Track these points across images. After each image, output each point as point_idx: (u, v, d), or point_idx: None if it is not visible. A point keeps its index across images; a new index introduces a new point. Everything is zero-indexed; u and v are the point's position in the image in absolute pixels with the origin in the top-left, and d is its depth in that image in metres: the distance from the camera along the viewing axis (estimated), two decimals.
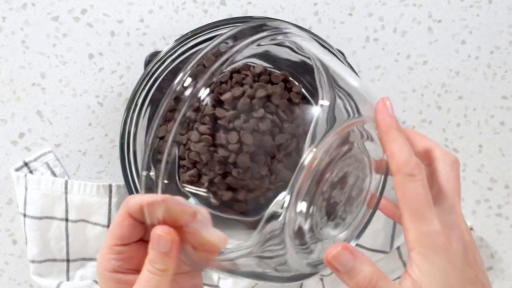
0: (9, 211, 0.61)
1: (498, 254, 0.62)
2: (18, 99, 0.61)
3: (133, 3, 0.61)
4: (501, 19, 0.62)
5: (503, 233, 0.62)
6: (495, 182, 0.62)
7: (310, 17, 0.61)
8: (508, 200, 0.62)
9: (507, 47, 0.62)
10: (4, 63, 0.60)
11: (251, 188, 0.56)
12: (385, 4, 0.61)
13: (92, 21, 0.61)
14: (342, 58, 0.52)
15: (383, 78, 0.62)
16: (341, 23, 0.61)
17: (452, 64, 0.62)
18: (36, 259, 0.59)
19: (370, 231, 0.58)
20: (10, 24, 0.60)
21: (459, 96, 0.62)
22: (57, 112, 0.61)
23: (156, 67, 0.52)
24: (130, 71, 0.61)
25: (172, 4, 0.61)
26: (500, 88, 0.62)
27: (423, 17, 0.62)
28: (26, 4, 0.60)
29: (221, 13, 0.61)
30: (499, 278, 0.62)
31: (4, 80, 0.61)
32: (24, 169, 0.60)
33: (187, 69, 0.36)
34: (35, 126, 0.61)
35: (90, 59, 0.61)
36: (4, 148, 0.61)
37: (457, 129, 0.62)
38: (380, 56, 0.62)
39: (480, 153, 0.62)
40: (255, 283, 0.58)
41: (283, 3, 0.61)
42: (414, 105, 0.62)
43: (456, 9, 0.62)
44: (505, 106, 0.62)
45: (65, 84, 0.61)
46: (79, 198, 0.58)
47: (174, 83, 0.35)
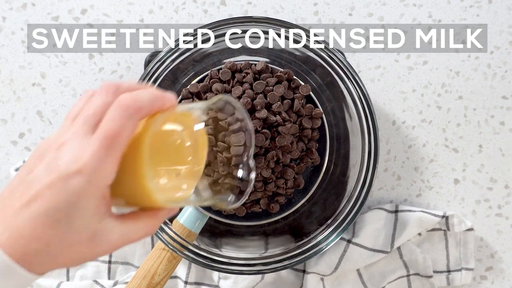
0: None
1: (498, 254, 0.62)
2: (18, 99, 0.61)
3: (133, 3, 0.61)
4: (501, 19, 0.62)
5: (503, 233, 0.62)
6: (495, 182, 0.62)
7: (310, 17, 0.61)
8: (508, 200, 0.62)
9: (507, 47, 0.62)
10: (4, 63, 0.60)
11: (252, 190, 0.56)
12: (385, 4, 0.61)
13: (92, 21, 0.61)
14: (342, 58, 0.52)
15: (383, 78, 0.62)
16: (341, 23, 0.61)
17: (452, 64, 0.62)
18: None
19: (370, 231, 0.58)
20: (11, 24, 0.60)
21: (459, 96, 0.62)
22: (57, 112, 0.61)
23: (156, 67, 0.52)
24: (130, 71, 0.61)
25: (172, 4, 0.61)
26: (500, 88, 0.62)
27: (423, 17, 0.62)
28: (26, 4, 0.60)
29: (221, 13, 0.61)
30: (499, 278, 0.62)
31: (4, 80, 0.61)
32: None
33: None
34: (35, 126, 0.61)
35: (90, 59, 0.61)
36: (4, 148, 0.61)
37: (457, 129, 0.62)
38: (380, 56, 0.62)
39: (480, 153, 0.62)
40: (255, 283, 0.58)
41: (283, 3, 0.61)
42: (414, 105, 0.62)
43: (456, 9, 0.62)
44: (505, 106, 0.62)
45: (65, 84, 0.61)
46: None
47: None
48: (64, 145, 0.33)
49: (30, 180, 0.33)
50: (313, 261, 0.59)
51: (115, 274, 0.60)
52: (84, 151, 0.32)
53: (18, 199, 0.32)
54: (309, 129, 0.56)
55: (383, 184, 0.62)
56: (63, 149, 0.33)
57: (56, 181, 0.32)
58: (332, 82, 0.54)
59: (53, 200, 0.32)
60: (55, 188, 0.32)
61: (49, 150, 0.33)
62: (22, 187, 0.33)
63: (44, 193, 0.32)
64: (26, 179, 0.33)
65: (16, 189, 0.33)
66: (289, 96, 0.56)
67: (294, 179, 0.57)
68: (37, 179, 0.32)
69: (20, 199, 0.32)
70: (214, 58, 0.56)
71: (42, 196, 0.32)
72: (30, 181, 0.33)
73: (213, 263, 0.52)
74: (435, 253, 0.60)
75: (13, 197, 0.33)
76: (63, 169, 0.32)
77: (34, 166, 0.33)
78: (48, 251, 0.33)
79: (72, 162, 0.32)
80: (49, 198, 0.32)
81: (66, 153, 0.32)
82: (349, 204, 0.53)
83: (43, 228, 0.32)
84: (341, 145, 0.57)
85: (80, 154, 0.32)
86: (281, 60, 0.57)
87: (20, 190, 0.33)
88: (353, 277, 0.60)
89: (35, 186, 0.32)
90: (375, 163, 0.52)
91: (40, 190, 0.32)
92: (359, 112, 0.53)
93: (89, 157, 0.32)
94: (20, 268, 0.32)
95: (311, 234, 0.54)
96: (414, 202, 0.62)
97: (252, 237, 0.59)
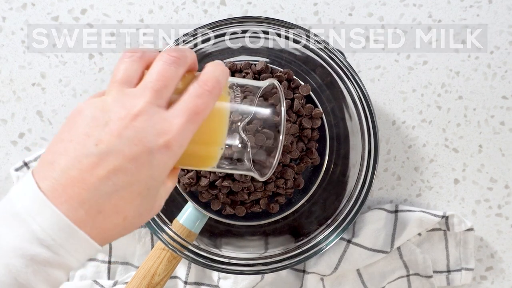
0: None
1: (498, 254, 0.62)
2: (18, 99, 0.61)
3: (133, 3, 0.61)
4: (501, 19, 0.62)
5: (503, 233, 0.62)
6: (495, 182, 0.62)
7: (310, 17, 0.61)
8: (508, 200, 0.62)
9: (507, 47, 0.62)
10: (4, 63, 0.60)
11: (252, 190, 0.56)
12: (385, 4, 0.61)
13: (92, 21, 0.61)
14: (342, 58, 0.52)
15: (383, 78, 0.62)
16: (341, 23, 0.61)
17: (452, 64, 0.62)
18: None
19: (370, 231, 0.58)
20: (10, 24, 0.60)
21: (459, 96, 0.62)
22: (57, 112, 0.61)
23: None
24: None
25: (172, 4, 0.61)
26: (500, 88, 0.62)
27: (423, 17, 0.62)
28: (26, 4, 0.60)
29: (221, 13, 0.61)
30: (499, 278, 0.62)
31: (4, 80, 0.61)
32: (24, 169, 0.60)
33: None
34: (35, 126, 0.61)
35: (90, 59, 0.61)
36: (4, 148, 0.61)
37: (457, 129, 0.62)
38: (380, 56, 0.62)
39: (480, 153, 0.62)
40: (255, 283, 0.58)
41: (283, 3, 0.61)
42: (414, 105, 0.62)
43: (456, 9, 0.62)
44: (505, 106, 0.62)
45: (65, 84, 0.61)
46: None
47: None
48: (141, 116, 0.31)
49: (104, 151, 0.31)
50: (313, 261, 0.59)
51: (115, 274, 0.60)
52: (170, 126, 0.32)
53: (89, 172, 0.30)
54: (309, 129, 0.56)
55: (383, 184, 0.62)
56: (139, 120, 0.31)
57: (140, 154, 0.31)
58: (332, 82, 0.54)
59: (137, 174, 0.31)
60: (139, 162, 0.31)
61: (115, 117, 0.31)
62: (93, 158, 0.31)
63: (126, 166, 0.31)
64: (95, 149, 0.31)
65: (84, 160, 0.31)
66: (289, 96, 0.56)
67: (294, 179, 0.57)
68: (115, 151, 0.31)
69: (94, 172, 0.30)
70: (214, 58, 0.56)
71: (124, 169, 0.31)
72: (104, 153, 0.31)
73: (213, 263, 0.52)
74: (435, 253, 0.60)
75: (81, 168, 0.30)
76: (148, 142, 0.31)
77: (95, 134, 0.31)
78: (124, 225, 0.32)
79: (158, 135, 0.31)
80: (132, 172, 0.31)
81: (147, 124, 0.31)
82: (349, 204, 0.53)
83: (124, 203, 0.31)
84: (341, 145, 0.57)
85: (166, 128, 0.31)
86: (281, 60, 0.57)
87: (90, 162, 0.31)
88: (353, 277, 0.60)
89: (113, 158, 0.30)
90: (375, 163, 0.52)
91: (121, 163, 0.30)
92: (359, 112, 0.53)
93: (177, 132, 0.32)
94: (95, 243, 0.31)
95: (311, 234, 0.54)
96: (414, 202, 0.62)
97: (252, 237, 0.59)
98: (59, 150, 0.32)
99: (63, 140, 0.32)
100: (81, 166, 0.31)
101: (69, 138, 0.32)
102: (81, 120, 0.32)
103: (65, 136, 0.32)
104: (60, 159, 0.31)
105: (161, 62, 0.34)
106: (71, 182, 0.30)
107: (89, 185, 0.30)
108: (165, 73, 0.33)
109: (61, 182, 0.31)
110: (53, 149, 0.32)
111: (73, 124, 0.32)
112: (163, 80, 0.33)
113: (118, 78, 0.33)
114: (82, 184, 0.30)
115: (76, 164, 0.31)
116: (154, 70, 0.33)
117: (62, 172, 0.31)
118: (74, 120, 0.33)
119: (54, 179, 0.31)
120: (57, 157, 0.31)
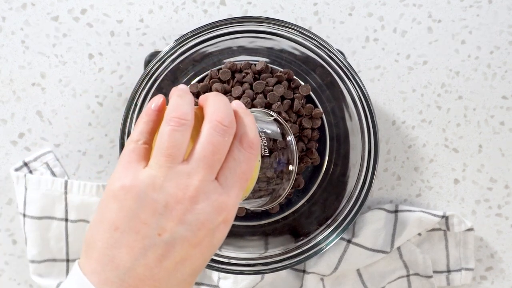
0: (9, 211, 0.61)
1: (498, 254, 0.62)
2: (18, 99, 0.61)
3: (133, 3, 0.61)
4: (501, 19, 0.62)
5: (503, 233, 0.62)
6: (495, 182, 0.62)
7: (310, 17, 0.61)
8: (508, 200, 0.62)
9: (507, 47, 0.62)
10: (4, 63, 0.60)
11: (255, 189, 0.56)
12: (385, 4, 0.61)
13: (92, 21, 0.61)
14: (342, 58, 0.52)
15: (383, 78, 0.62)
16: (341, 23, 0.61)
17: (452, 64, 0.62)
18: (36, 259, 0.59)
19: (370, 231, 0.58)
20: (10, 24, 0.60)
21: (459, 96, 0.62)
22: (57, 112, 0.61)
23: (156, 67, 0.52)
24: (130, 71, 0.61)
25: (172, 4, 0.61)
26: (500, 88, 0.62)
27: (423, 17, 0.62)
28: (26, 4, 0.60)
29: (221, 13, 0.61)
30: (499, 278, 0.62)
31: (4, 80, 0.61)
32: (24, 169, 0.60)
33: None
34: (35, 126, 0.61)
35: (90, 59, 0.61)
36: (4, 148, 0.61)
37: (457, 129, 0.62)
38: (380, 56, 0.62)
39: (480, 153, 0.62)
40: (255, 283, 0.58)
41: (283, 3, 0.61)
42: (414, 105, 0.62)
43: (456, 9, 0.62)
44: (505, 106, 0.62)
45: (65, 84, 0.61)
46: (79, 198, 0.58)
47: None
48: (198, 197, 0.30)
49: (169, 241, 0.29)
50: (313, 261, 0.59)
51: None
52: (227, 199, 0.31)
53: (157, 266, 0.29)
54: (309, 129, 0.56)
55: (383, 184, 0.62)
56: (198, 201, 0.30)
57: (204, 238, 0.30)
58: (332, 82, 0.54)
59: (202, 258, 0.31)
60: (203, 245, 0.30)
61: (172, 201, 0.30)
62: (158, 251, 0.29)
63: (192, 253, 0.30)
64: (159, 240, 0.29)
65: (149, 254, 0.29)
66: (289, 96, 0.56)
67: (294, 179, 0.57)
68: (179, 239, 0.30)
69: (162, 265, 0.29)
70: (214, 58, 0.56)
71: (190, 257, 0.30)
72: (169, 243, 0.29)
73: (213, 263, 0.52)
74: (435, 253, 0.60)
75: (147, 264, 0.29)
76: (210, 223, 0.30)
77: (154, 221, 0.29)
78: None
79: (217, 213, 0.31)
80: (198, 257, 0.30)
81: (206, 204, 0.30)
82: (349, 204, 0.53)
83: (189, 285, 0.31)
84: (341, 145, 0.57)
85: (223, 204, 0.31)
86: (281, 60, 0.57)
87: (157, 255, 0.29)
88: (353, 277, 0.60)
89: (179, 248, 0.30)
90: (375, 163, 0.52)
91: (188, 251, 0.30)
92: (359, 112, 0.53)
93: (232, 205, 0.31)
94: None
95: (311, 234, 0.54)
96: (414, 202, 0.62)
97: (252, 237, 0.59)
98: (116, 242, 0.29)
99: (118, 229, 0.30)
100: (147, 261, 0.29)
101: (124, 227, 0.29)
102: (133, 203, 0.30)
103: (119, 224, 0.30)
104: (121, 254, 0.29)
105: (212, 131, 0.32)
106: (140, 281, 0.29)
107: (159, 281, 0.29)
108: (219, 145, 0.32)
109: (130, 283, 0.29)
110: (107, 239, 0.30)
111: (127, 209, 0.30)
112: (217, 154, 0.31)
113: (164, 151, 0.31)
114: (151, 281, 0.29)
115: (141, 260, 0.29)
116: (205, 140, 0.31)
117: (128, 270, 0.29)
118: (124, 201, 0.30)
119: (121, 280, 0.29)
120: (117, 252, 0.29)
